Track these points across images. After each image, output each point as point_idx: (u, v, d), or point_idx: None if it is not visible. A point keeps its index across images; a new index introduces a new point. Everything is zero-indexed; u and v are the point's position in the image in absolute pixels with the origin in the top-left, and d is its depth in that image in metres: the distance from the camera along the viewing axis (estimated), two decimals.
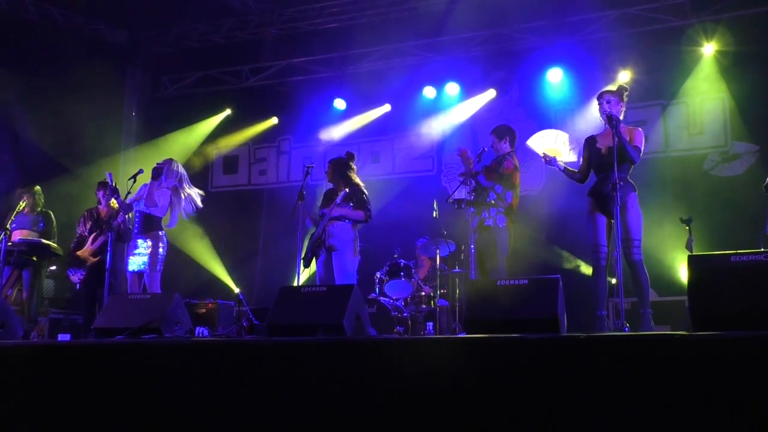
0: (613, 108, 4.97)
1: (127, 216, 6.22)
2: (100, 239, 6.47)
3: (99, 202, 6.76)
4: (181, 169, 6.34)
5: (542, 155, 5.39)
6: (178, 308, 4.25)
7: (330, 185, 6.12)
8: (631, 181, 4.94)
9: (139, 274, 6.07)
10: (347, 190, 5.78)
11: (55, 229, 7.08)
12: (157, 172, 6.24)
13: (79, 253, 6.54)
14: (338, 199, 5.73)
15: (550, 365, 2.64)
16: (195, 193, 6.35)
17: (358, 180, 6.01)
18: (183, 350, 3.41)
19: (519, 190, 5.86)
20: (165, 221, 6.20)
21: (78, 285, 6.54)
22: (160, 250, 6.07)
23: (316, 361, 3.06)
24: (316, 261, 5.84)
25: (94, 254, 6.49)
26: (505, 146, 5.92)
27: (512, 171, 5.78)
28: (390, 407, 2.84)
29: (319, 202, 6.17)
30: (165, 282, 6.16)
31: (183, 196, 6.23)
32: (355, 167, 6.10)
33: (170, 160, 6.36)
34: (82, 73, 8.21)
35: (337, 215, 5.77)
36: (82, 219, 6.73)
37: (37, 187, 7.13)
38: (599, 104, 5.06)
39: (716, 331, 2.63)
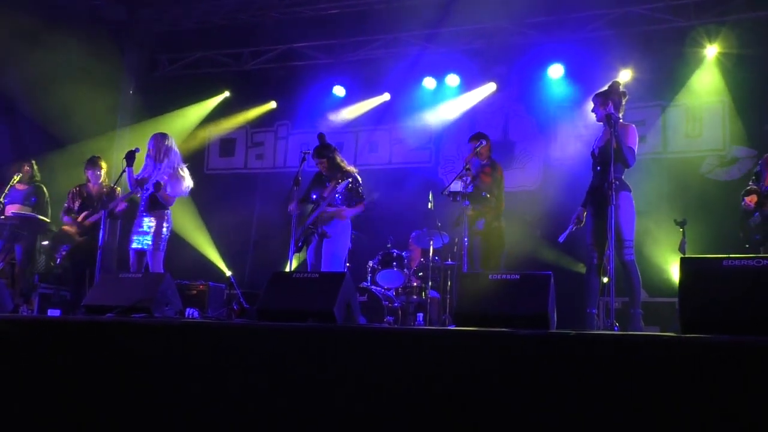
0: (597, 110, 5.03)
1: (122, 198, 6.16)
2: (93, 218, 6.41)
3: (88, 180, 6.70)
4: (176, 148, 6.21)
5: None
6: (168, 289, 4.24)
7: (316, 168, 6.04)
8: (625, 181, 4.94)
9: (141, 252, 5.92)
10: (349, 180, 5.73)
11: (48, 202, 7.03)
12: (156, 150, 6.05)
13: (65, 228, 6.47)
14: (340, 188, 5.64)
15: (538, 361, 2.65)
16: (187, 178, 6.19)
17: (349, 167, 5.95)
18: (172, 331, 3.40)
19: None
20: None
21: (58, 259, 6.48)
22: (164, 229, 5.91)
23: (305, 348, 3.06)
24: (307, 247, 5.80)
25: (82, 232, 6.42)
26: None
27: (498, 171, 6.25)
28: (377, 396, 2.84)
29: (309, 187, 6.10)
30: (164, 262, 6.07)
31: (181, 177, 6.12)
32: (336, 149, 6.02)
33: (165, 136, 6.12)
34: (79, 49, 8.13)
35: (349, 214, 5.79)
36: (69, 196, 6.66)
37: (33, 161, 7.08)
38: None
39: (705, 334, 2.63)
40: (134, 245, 5.93)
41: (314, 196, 5.90)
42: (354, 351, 2.97)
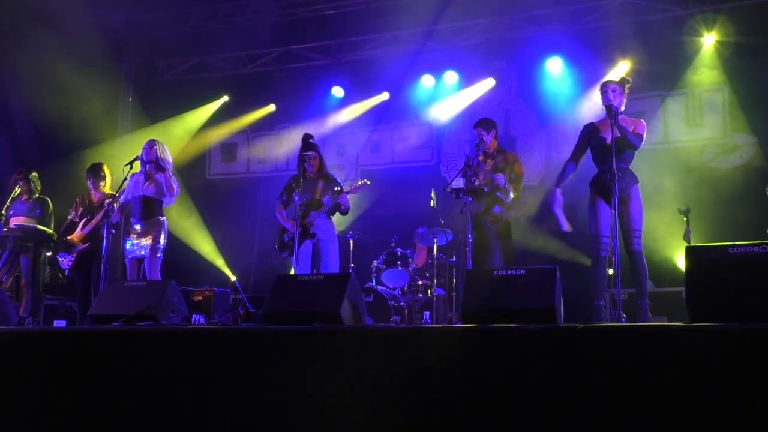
0: (616, 98, 4.94)
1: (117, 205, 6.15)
2: (90, 225, 6.38)
3: (90, 188, 6.67)
4: (168, 155, 6.23)
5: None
6: (174, 296, 4.24)
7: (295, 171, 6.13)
8: (633, 172, 4.92)
9: (138, 259, 5.93)
10: (335, 185, 5.93)
11: (52, 215, 7.02)
12: (149, 154, 6.06)
13: (68, 237, 6.46)
14: (326, 201, 5.85)
15: (547, 355, 2.64)
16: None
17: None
18: (179, 338, 3.41)
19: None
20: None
21: (67, 271, 6.46)
22: (162, 235, 5.95)
23: (312, 350, 3.06)
24: (297, 250, 5.75)
25: (83, 240, 6.41)
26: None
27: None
28: (385, 396, 2.84)
29: (290, 188, 6.09)
30: (161, 269, 6.10)
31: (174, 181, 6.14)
32: None
33: (156, 141, 6.16)
34: (77, 56, 8.13)
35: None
36: (74, 204, 6.64)
37: (34, 174, 7.06)
38: (603, 93, 4.98)
39: (713, 323, 2.62)
40: (131, 253, 5.94)
41: (298, 198, 5.82)
42: (361, 351, 2.97)
